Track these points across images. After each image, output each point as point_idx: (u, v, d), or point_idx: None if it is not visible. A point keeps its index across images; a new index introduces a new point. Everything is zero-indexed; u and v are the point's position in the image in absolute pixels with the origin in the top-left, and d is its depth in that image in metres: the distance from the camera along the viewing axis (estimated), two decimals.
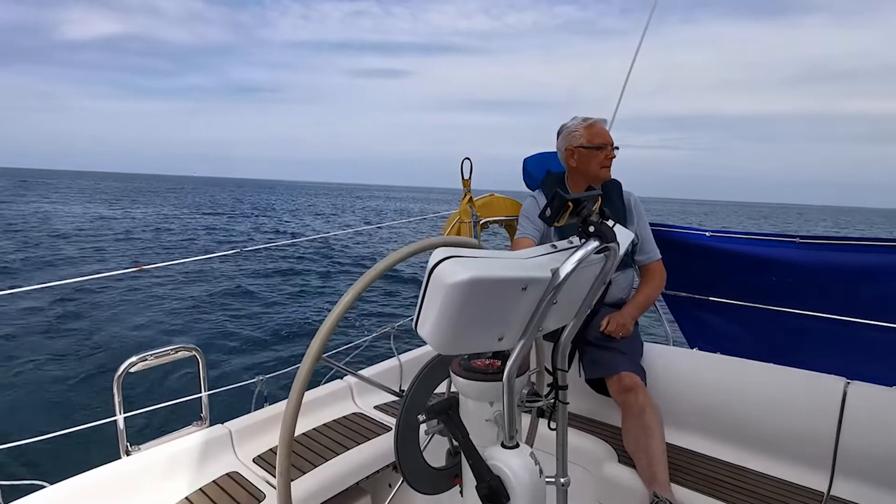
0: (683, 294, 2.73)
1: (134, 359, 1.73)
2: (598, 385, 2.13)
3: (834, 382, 1.89)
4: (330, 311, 0.94)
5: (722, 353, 2.22)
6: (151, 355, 1.76)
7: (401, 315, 8.96)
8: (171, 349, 1.80)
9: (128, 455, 1.69)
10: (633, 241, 1.23)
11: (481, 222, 2.71)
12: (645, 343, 2.24)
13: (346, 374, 2.30)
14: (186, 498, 1.61)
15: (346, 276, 13.73)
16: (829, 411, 1.85)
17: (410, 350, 2.57)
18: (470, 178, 2.67)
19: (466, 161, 2.64)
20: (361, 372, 1.30)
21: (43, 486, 1.49)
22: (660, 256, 2.29)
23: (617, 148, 2.20)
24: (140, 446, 1.72)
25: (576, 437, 2.08)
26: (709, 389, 2.10)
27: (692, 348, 2.58)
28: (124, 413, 1.71)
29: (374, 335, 2.64)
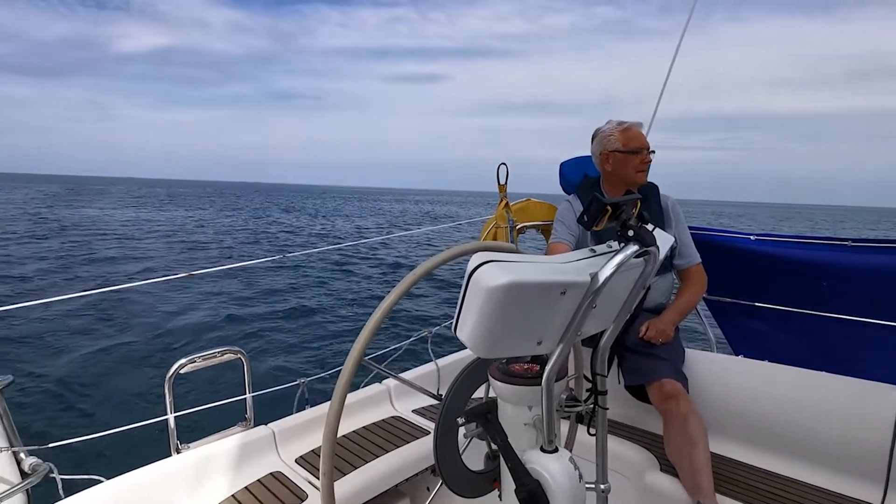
0: (727, 299, 2.66)
1: (183, 360, 1.80)
2: (639, 392, 2.09)
3: (888, 391, 1.80)
4: (371, 314, 0.96)
5: (769, 361, 2.15)
6: (200, 357, 1.84)
7: (438, 319, 9.01)
8: (218, 351, 1.87)
9: (178, 453, 1.76)
10: (672, 245, 1.20)
11: (518, 227, 2.70)
12: (687, 349, 2.19)
13: (384, 378, 2.34)
14: (233, 496, 1.67)
15: (386, 281, 13.89)
16: (883, 421, 1.76)
17: (448, 354, 2.59)
18: (506, 183, 2.67)
19: (502, 166, 2.65)
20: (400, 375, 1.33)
21: (100, 481, 1.57)
22: (700, 260, 2.23)
23: (653, 152, 2.16)
24: (189, 445, 1.79)
25: (616, 445, 2.05)
26: (756, 398, 2.04)
27: (737, 355, 2.50)
28: (174, 412, 1.79)
29: (412, 339, 2.67)
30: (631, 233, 0.87)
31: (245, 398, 1.96)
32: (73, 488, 1.55)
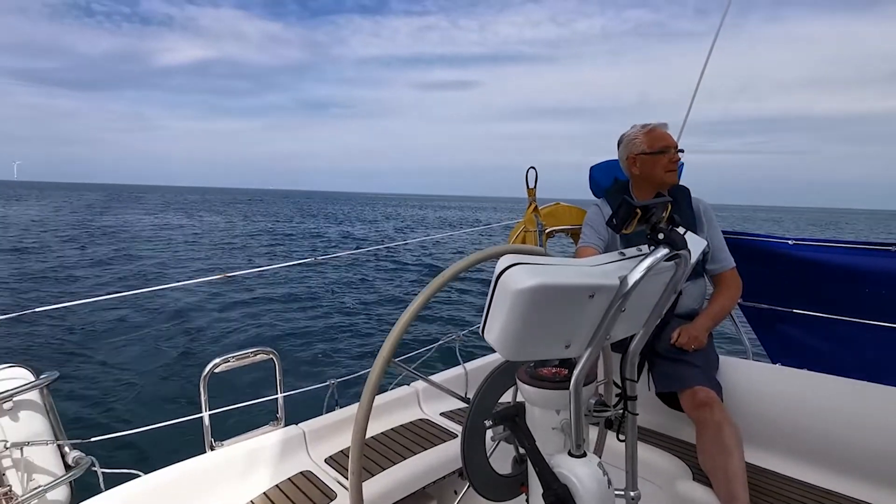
0: (764, 306, 2.58)
1: (218, 360, 1.85)
2: (670, 400, 2.05)
3: None
4: (399, 316, 0.98)
5: (808, 370, 2.08)
6: (233, 357, 1.89)
7: (466, 323, 9.01)
8: (251, 351, 1.92)
9: (212, 450, 1.80)
10: (704, 249, 1.17)
11: (547, 231, 2.69)
12: (721, 357, 2.14)
13: (412, 381, 2.35)
14: (264, 493, 1.70)
15: (414, 284, 13.99)
16: None
17: (476, 359, 2.59)
18: (535, 187, 2.66)
19: (531, 170, 2.64)
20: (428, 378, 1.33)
21: (138, 475, 1.62)
22: (734, 265, 2.17)
23: (681, 151, 2.12)
24: (223, 442, 1.84)
25: (646, 452, 2.01)
26: (795, 407, 1.97)
27: (774, 363, 2.43)
28: (209, 411, 1.84)
29: (439, 342, 2.68)
30: (661, 236, 0.86)
31: (276, 398, 2.00)
32: (112, 482, 1.61)
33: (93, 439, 1.70)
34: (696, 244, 0.96)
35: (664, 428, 2.21)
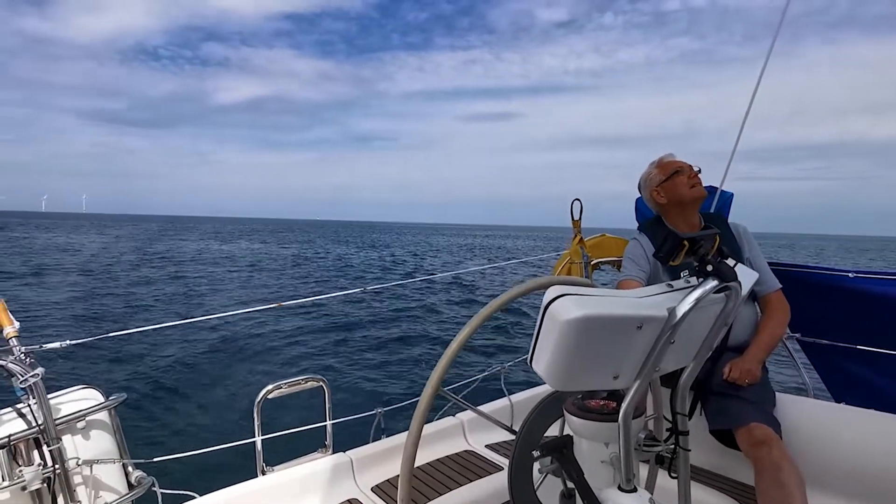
0: (825, 341, 2.46)
1: (270, 386, 1.92)
2: (726, 438, 1.97)
3: None
4: (447, 346, 1.00)
5: (875, 409, 1.96)
6: (285, 384, 1.95)
7: (510, 354, 8.91)
8: (302, 379, 1.98)
9: (263, 474, 1.85)
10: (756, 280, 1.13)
11: (593, 262, 2.67)
12: (779, 394, 2.04)
13: (458, 412, 2.35)
14: None
15: (461, 314, 14.00)
16: None
17: (522, 391, 2.56)
18: (580, 219, 2.66)
19: (576, 202, 2.64)
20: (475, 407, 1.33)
21: (193, 497, 1.68)
22: (780, 286, 2.11)
23: (699, 170, 2.13)
24: (274, 467, 1.89)
25: (701, 493, 1.93)
26: (862, 449, 1.86)
27: (838, 402, 2.29)
28: (261, 436, 1.90)
29: (485, 373, 2.67)
30: (710, 268, 0.86)
31: (325, 425, 2.05)
32: (169, 502, 1.67)
33: (155, 459, 1.78)
34: (746, 276, 0.95)
35: (720, 468, 2.11)
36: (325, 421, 2.05)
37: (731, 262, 0.89)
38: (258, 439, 1.88)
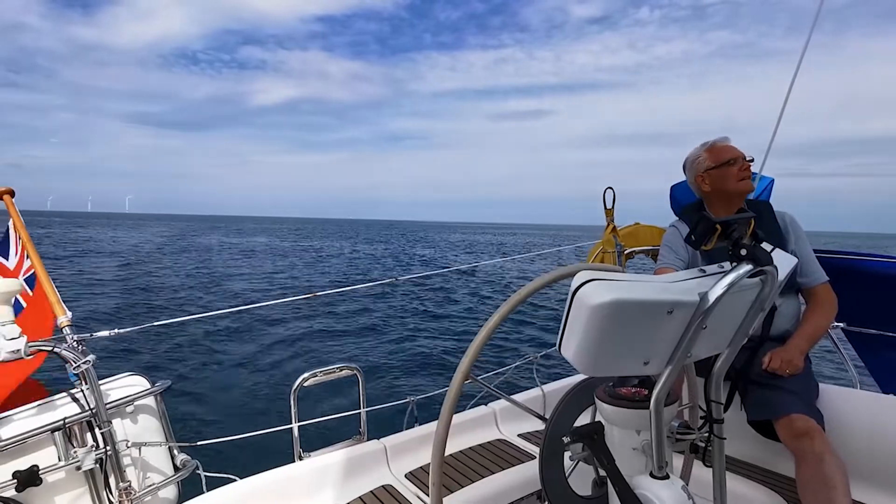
0: (873, 331, 2.36)
1: (306, 374, 1.97)
2: (766, 429, 1.91)
3: None
4: (477, 333, 1.00)
5: None
6: (321, 372, 2.00)
7: (543, 344, 8.85)
8: (337, 367, 2.02)
9: (300, 460, 1.91)
10: (794, 266, 1.08)
11: (626, 252, 2.63)
12: (823, 385, 1.98)
13: (490, 401, 2.36)
14: None
15: (490, 303, 14.07)
16: None
17: (553, 381, 2.55)
18: (613, 207, 2.62)
19: (608, 190, 2.60)
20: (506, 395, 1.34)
21: (234, 480, 1.75)
22: (827, 279, 2.02)
23: (751, 160, 2.03)
24: (310, 453, 1.94)
25: (740, 485, 1.89)
26: None
27: (886, 393, 2.20)
28: (298, 422, 1.95)
29: (516, 363, 2.67)
30: (744, 252, 0.84)
31: (360, 413, 2.09)
32: (211, 484, 1.74)
33: (199, 443, 1.85)
34: (784, 261, 0.92)
35: (759, 460, 2.06)
36: (360, 409, 2.09)
37: (767, 246, 0.86)
38: (295, 426, 1.94)
